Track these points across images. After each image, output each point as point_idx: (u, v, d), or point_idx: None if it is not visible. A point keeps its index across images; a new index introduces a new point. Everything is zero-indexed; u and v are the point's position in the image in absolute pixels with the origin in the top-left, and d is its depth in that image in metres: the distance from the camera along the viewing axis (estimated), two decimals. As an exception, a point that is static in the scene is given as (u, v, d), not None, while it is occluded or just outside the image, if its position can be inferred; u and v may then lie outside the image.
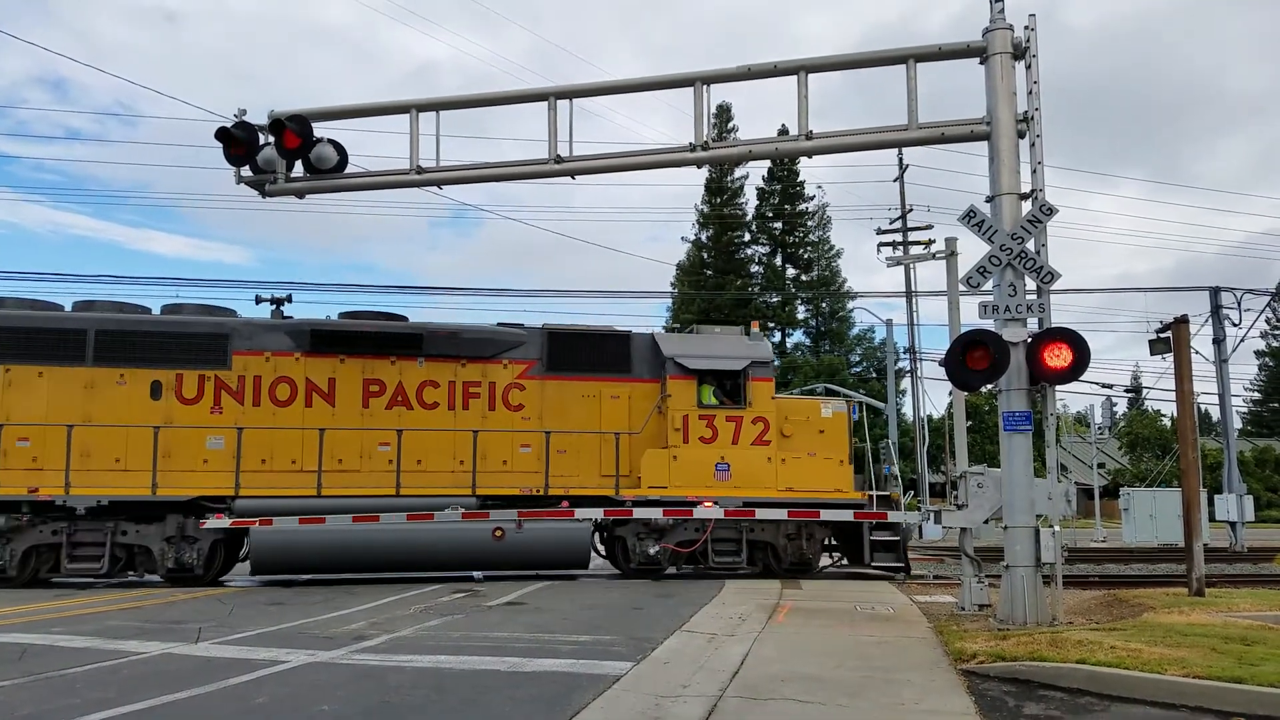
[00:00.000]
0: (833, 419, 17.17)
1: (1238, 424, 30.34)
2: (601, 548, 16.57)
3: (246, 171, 12.77)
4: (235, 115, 12.52)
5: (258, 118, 12.59)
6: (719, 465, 16.44)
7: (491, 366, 16.70)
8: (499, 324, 17.29)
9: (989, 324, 10.58)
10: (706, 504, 15.96)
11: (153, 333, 15.88)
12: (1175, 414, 14.35)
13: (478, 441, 16.08)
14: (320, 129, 12.70)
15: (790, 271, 43.72)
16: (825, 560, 17.62)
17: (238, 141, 12.33)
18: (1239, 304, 31.31)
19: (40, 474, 14.94)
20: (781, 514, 16.14)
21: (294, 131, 12.26)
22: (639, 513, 15.92)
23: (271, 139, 12.50)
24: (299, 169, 12.83)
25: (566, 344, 16.97)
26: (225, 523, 14.94)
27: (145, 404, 15.56)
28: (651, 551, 16.02)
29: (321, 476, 15.56)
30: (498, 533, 15.35)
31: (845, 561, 17.66)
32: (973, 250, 16.33)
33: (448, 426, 16.31)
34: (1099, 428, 40.92)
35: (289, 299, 20.46)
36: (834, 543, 17.27)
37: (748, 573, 16.44)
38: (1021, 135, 10.81)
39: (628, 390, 16.98)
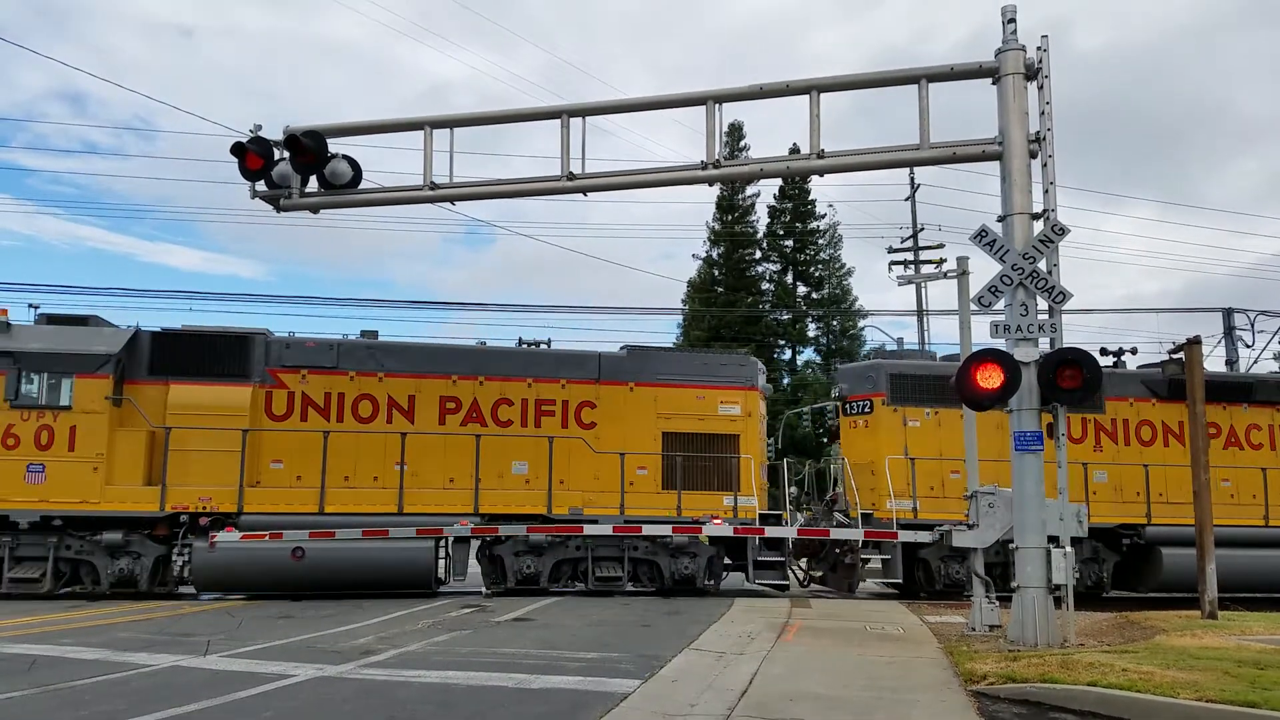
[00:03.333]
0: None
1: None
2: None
3: (262, 186, 12.89)
4: (251, 131, 12.64)
5: (273, 133, 12.71)
6: None
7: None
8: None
9: (1000, 343, 10.56)
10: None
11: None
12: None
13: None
14: (335, 145, 12.83)
15: (801, 289, 43.70)
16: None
17: (253, 156, 12.45)
18: (1252, 325, 31.16)
19: None
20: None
21: (309, 147, 12.37)
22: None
23: (287, 154, 12.61)
24: (314, 184, 12.94)
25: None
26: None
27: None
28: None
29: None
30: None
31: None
32: (984, 269, 16.30)
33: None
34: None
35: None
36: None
37: (754, 590, 16.31)
38: (1033, 155, 10.82)
39: None
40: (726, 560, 16.71)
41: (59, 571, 14.89)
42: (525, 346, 17.65)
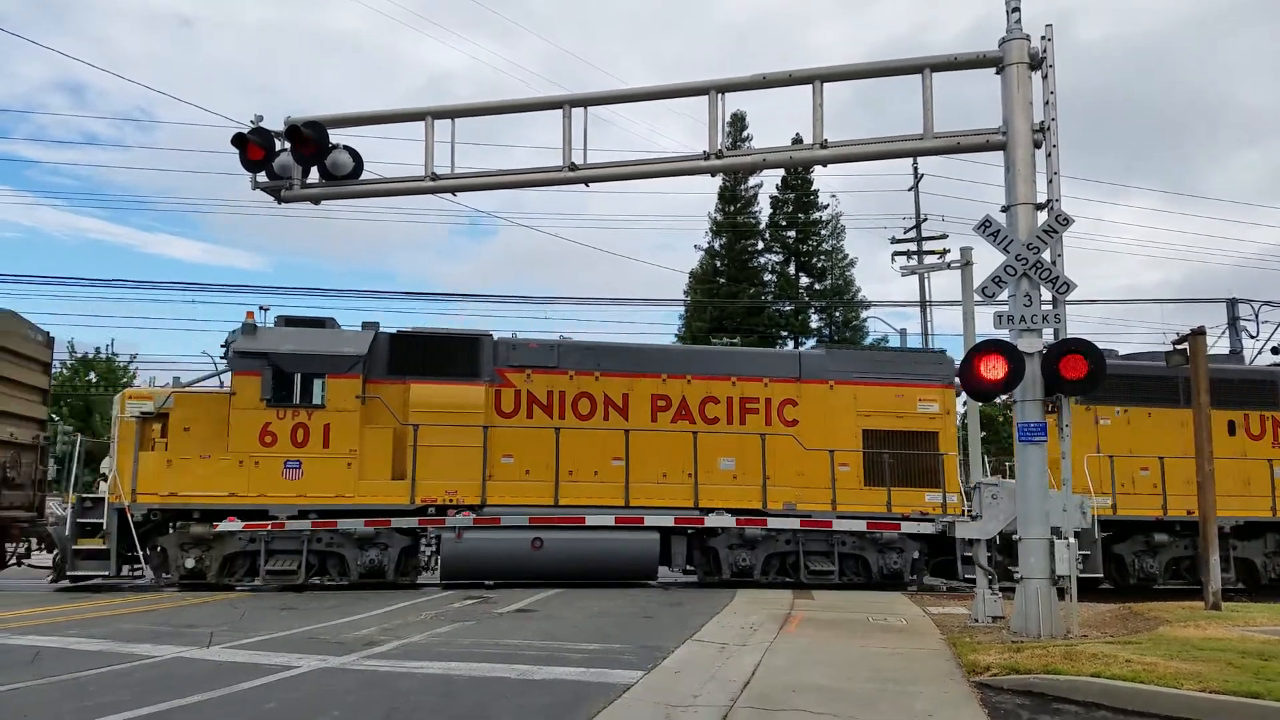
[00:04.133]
0: None
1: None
2: None
3: (263, 177, 12.82)
4: (252, 121, 12.58)
5: (274, 124, 12.66)
6: None
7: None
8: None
9: (1004, 334, 10.53)
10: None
11: None
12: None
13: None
14: (336, 135, 12.76)
15: (804, 280, 43.63)
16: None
17: (254, 147, 12.39)
18: (1256, 315, 31.08)
19: None
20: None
21: (310, 138, 12.32)
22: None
23: (288, 145, 12.56)
24: (315, 175, 12.89)
25: None
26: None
27: None
28: None
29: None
30: None
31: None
32: (988, 260, 16.21)
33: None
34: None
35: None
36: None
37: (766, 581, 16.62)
38: (1037, 145, 10.77)
39: None
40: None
41: (309, 564, 15.47)
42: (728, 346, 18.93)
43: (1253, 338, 31.08)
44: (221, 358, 16.64)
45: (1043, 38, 10.75)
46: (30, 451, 17.29)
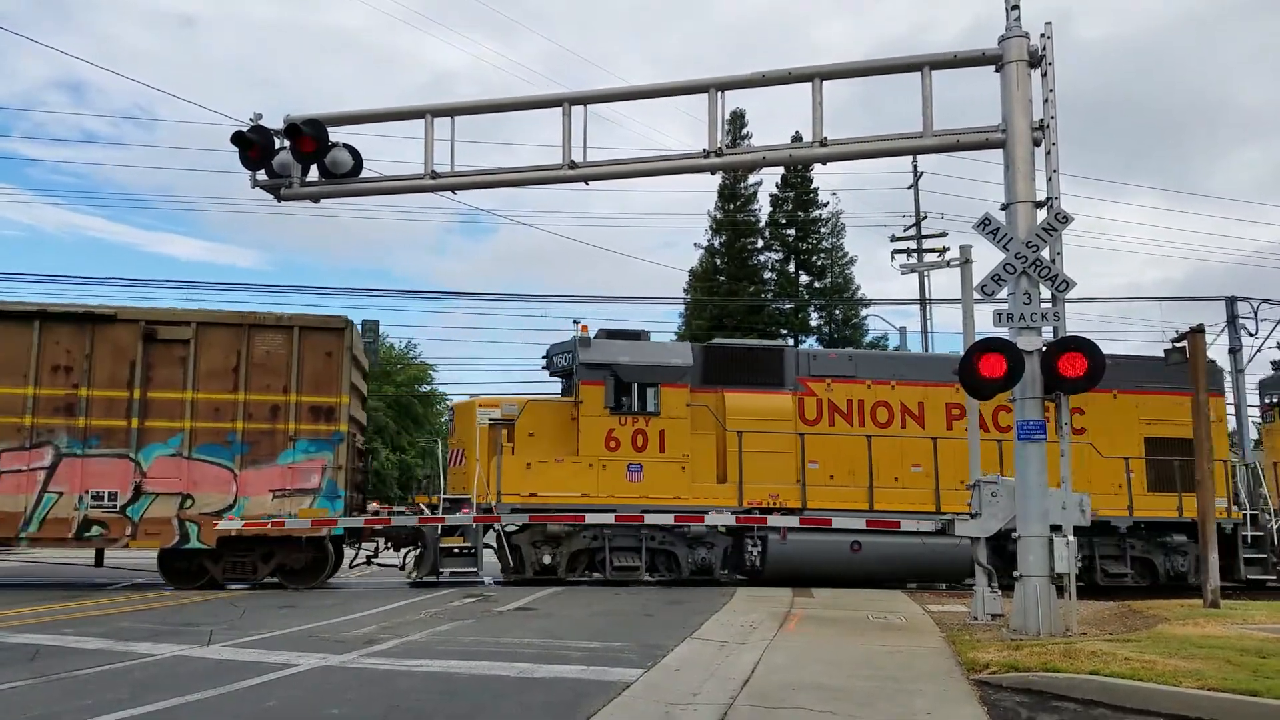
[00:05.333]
0: None
1: (1254, 435, 30.16)
2: None
3: (262, 176, 12.81)
4: (251, 119, 12.57)
5: (274, 122, 12.65)
6: None
7: None
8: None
9: (1004, 332, 10.53)
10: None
11: None
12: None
13: None
14: (336, 134, 12.74)
15: (804, 278, 43.61)
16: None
17: (254, 145, 12.38)
18: (1255, 314, 31.10)
19: None
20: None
21: (309, 136, 12.30)
22: None
23: (287, 143, 12.54)
24: (314, 173, 12.88)
25: None
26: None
27: None
28: None
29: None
30: None
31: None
32: (987, 258, 16.22)
33: None
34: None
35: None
36: None
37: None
38: (1037, 143, 10.76)
39: None
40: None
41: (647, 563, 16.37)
42: None
43: (1252, 336, 31.13)
44: (543, 368, 18.15)
45: (1042, 35, 10.74)
46: (362, 455, 18.05)
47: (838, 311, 42.48)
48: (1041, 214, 10.60)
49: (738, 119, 40.59)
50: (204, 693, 6.88)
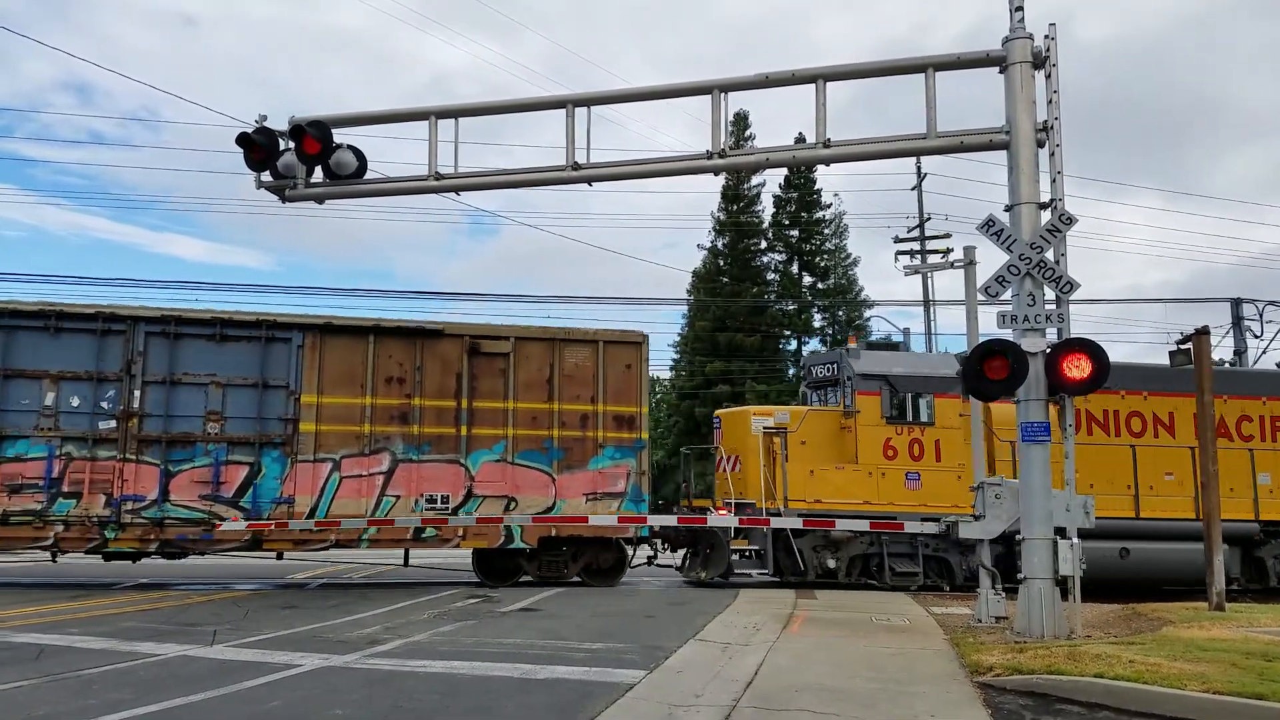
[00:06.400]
0: None
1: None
2: None
3: (267, 177, 12.84)
4: (256, 121, 12.60)
5: (278, 123, 12.68)
6: None
7: None
8: None
9: (1007, 333, 10.51)
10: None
11: None
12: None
13: None
14: (340, 135, 12.77)
15: (807, 279, 43.59)
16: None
17: (258, 147, 12.41)
18: (1260, 315, 31.04)
19: None
20: None
21: (314, 137, 12.32)
22: None
23: (292, 144, 12.57)
24: (319, 174, 12.90)
25: None
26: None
27: None
28: None
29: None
30: None
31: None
32: (991, 260, 16.32)
33: None
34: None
35: None
36: None
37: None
38: (1041, 144, 10.75)
39: None
40: None
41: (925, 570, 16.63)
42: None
43: (1257, 338, 31.07)
44: (799, 379, 18.44)
45: (1046, 36, 10.73)
46: None
47: (841, 313, 42.45)
48: (1045, 215, 10.59)
49: (741, 121, 40.57)
50: (208, 693, 6.89)
